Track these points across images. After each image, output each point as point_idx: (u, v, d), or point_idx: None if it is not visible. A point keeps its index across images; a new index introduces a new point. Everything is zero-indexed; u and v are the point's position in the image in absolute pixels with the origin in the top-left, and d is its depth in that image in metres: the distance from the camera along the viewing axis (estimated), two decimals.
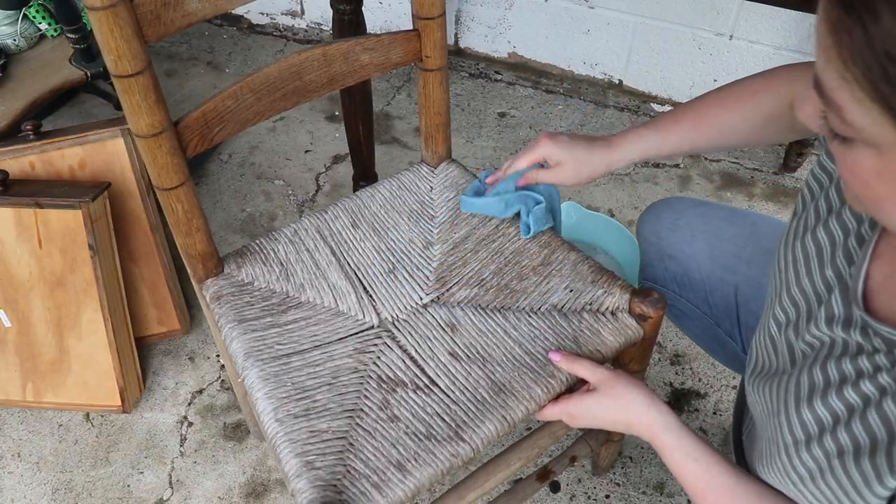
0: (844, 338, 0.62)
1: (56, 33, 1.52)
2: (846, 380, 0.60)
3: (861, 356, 0.60)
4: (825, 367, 0.63)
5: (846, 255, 0.65)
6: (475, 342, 0.87)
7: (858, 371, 0.59)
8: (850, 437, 0.58)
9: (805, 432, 0.63)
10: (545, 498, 1.25)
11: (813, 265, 0.68)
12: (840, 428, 0.59)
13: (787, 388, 0.67)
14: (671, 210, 1.03)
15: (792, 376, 0.67)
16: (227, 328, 0.90)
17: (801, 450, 0.63)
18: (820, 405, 0.62)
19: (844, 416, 0.59)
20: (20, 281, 1.28)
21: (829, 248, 0.67)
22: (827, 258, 0.67)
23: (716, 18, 1.73)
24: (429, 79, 0.99)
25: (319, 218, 1.03)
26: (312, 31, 2.21)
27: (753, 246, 0.96)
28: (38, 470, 1.30)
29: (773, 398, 0.69)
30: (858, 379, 0.59)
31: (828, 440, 0.60)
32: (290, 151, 1.86)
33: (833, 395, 0.61)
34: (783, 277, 0.72)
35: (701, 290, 1.00)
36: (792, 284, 0.71)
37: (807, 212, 0.71)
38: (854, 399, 0.59)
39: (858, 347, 0.60)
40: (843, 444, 0.59)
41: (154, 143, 0.79)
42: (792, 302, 0.70)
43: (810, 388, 0.63)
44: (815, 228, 0.69)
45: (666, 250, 1.01)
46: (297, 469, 0.76)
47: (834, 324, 0.63)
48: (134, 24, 0.72)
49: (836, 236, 0.67)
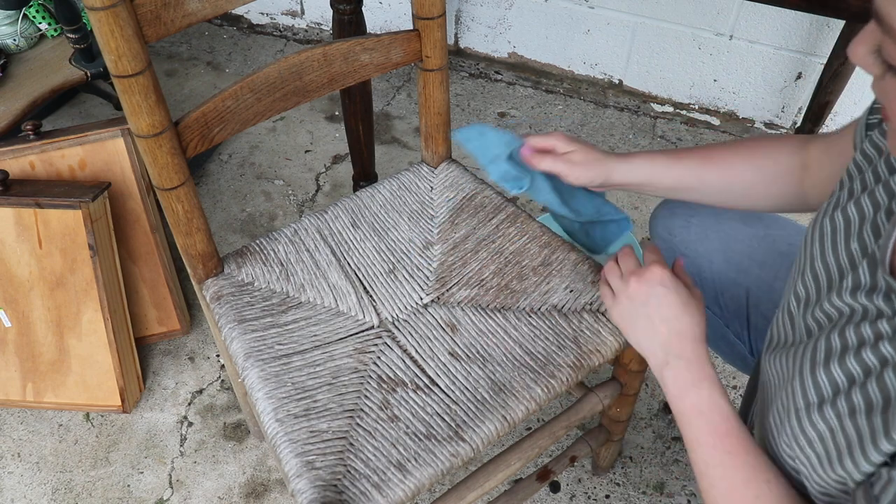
0: (866, 305, 0.62)
1: (56, 33, 1.52)
2: (864, 343, 0.60)
3: (881, 320, 0.59)
4: (843, 332, 0.62)
5: (874, 229, 0.65)
6: (475, 342, 0.87)
7: (877, 334, 0.59)
8: (863, 397, 0.58)
9: (819, 394, 0.62)
10: (545, 498, 1.25)
11: (839, 238, 0.68)
12: (855, 388, 0.59)
13: (803, 355, 0.66)
14: (685, 207, 1.02)
15: (808, 345, 0.66)
16: (227, 328, 0.90)
17: (812, 412, 0.62)
18: (837, 367, 0.61)
19: (860, 378, 0.59)
20: (20, 281, 1.28)
21: (857, 222, 0.67)
22: (854, 232, 0.66)
23: (716, 18, 1.73)
24: (429, 79, 0.99)
25: (319, 218, 1.03)
26: (312, 31, 2.21)
27: (767, 248, 0.96)
28: (38, 470, 1.30)
29: (788, 366, 0.68)
30: (877, 341, 0.58)
31: (841, 401, 0.60)
32: (290, 151, 1.86)
33: (851, 358, 0.60)
34: (808, 252, 0.71)
35: (712, 289, 1.00)
36: (816, 259, 0.70)
37: (842, 192, 0.71)
38: (871, 361, 0.58)
39: (878, 312, 0.60)
40: (855, 404, 0.58)
41: (154, 143, 0.79)
42: (814, 276, 0.70)
43: (827, 352, 0.63)
44: (846, 205, 0.69)
45: (678, 248, 1.01)
46: (298, 469, 0.76)
47: (859, 292, 0.63)
48: (134, 24, 0.72)
49: (866, 211, 0.66)
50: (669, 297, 0.75)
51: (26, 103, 1.39)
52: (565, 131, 1.89)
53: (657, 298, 0.76)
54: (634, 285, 0.77)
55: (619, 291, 0.80)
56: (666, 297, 0.75)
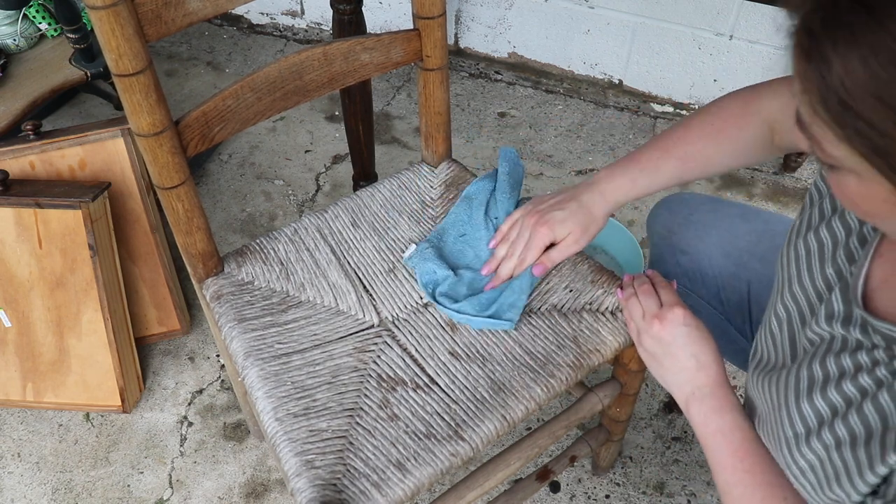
0: (844, 334, 0.63)
1: (56, 33, 1.52)
2: (845, 374, 0.61)
3: (860, 352, 0.61)
4: (824, 362, 0.64)
5: (847, 254, 0.66)
6: (475, 341, 0.87)
7: (857, 366, 0.60)
8: (846, 429, 0.59)
9: (805, 426, 0.64)
10: (545, 498, 1.25)
11: (814, 262, 0.69)
12: (838, 420, 0.60)
13: (787, 383, 0.68)
14: (684, 205, 1.02)
15: (791, 371, 0.68)
16: (227, 328, 0.90)
17: (801, 443, 0.64)
18: (819, 399, 0.63)
19: (842, 409, 0.60)
20: (20, 281, 1.28)
21: (830, 246, 0.68)
22: (828, 256, 0.68)
23: (716, 18, 1.73)
24: (429, 78, 0.99)
25: (319, 217, 1.03)
26: (312, 31, 2.21)
27: (767, 243, 0.96)
28: (38, 470, 1.30)
29: (774, 393, 0.70)
30: (857, 373, 0.60)
31: (826, 433, 0.61)
32: (290, 151, 1.86)
33: (832, 389, 0.62)
34: (785, 274, 0.73)
35: (713, 285, 1.00)
36: (794, 281, 0.71)
37: (812, 210, 0.72)
38: (852, 392, 0.60)
39: (857, 343, 0.61)
40: (840, 437, 0.60)
41: (155, 142, 0.79)
42: (793, 298, 0.71)
43: (809, 382, 0.64)
44: (818, 227, 0.70)
45: (678, 245, 1.01)
46: (297, 468, 0.76)
47: (834, 321, 0.64)
48: (135, 23, 0.72)
49: (839, 235, 0.67)
50: (692, 335, 0.78)
51: (26, 103, 1.39)
52: (565, 131, 1.89)
53: (682, 338, 0.78)
54: (658, 327, 0.80)
55: (643, 332, 0.82)
56: (689, 335, 0.78)
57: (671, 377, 0.79)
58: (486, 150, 1.85)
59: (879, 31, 0.44)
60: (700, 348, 0.78)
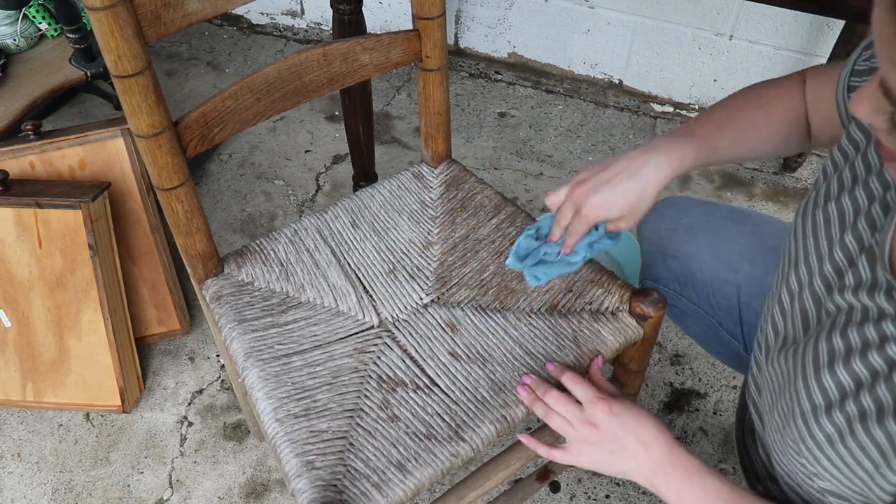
0: (867, 304, 0.62)
1: (56, 33, 1.52)
2: (869, 345, 0.60)
3: (884, 321, 0.59)
4: (846, 333, 0.62)
5: (869, 222, 0.65)
6: (475, 342, 0.87)
7: (882, 336, 0.59)
8: (874, 399, 0.58)
9: (826, 398, 0.62)
10: (545, 498, 1.25)
11: (834, 231, 0.68)
12: (864, 392, 0.59)
13: (804, 356, 0.66)
14: (673, 209, 1.02)
15: (808, 345, 0.66)
16: (227, 328, 0.90)
17: (820, 415, 0.62)
18: (842, 370, 0.61)
19: (868, 381, 0.59)
20: (20, 281, 1.28)
21: (852, 214, 0.67)
22: (849, 224, 0.67)
23: (716, 18, 1.73)
24: (429, 79, 0.99)
25: (319, 218, 1.03)
26: (312, 31, 2.21)
27: (756, 245, 0.96)
28: (38, 470, 1.30)
29: (788, 368, 0.68)
30: (883, 343, 0.59)
31: (850, 404, 0.60)
32: (290, 151, 1.86)
33: (857, 360, 0.60)
34: (800, 245, 0.71)
35: (703, 289, 1.00)
36: (811, 252, 0.70)
37: (829, 182, 0.71)
38: (878, 363, 0.59)
39: (881, 313, 0.60)
40: (865, 407, 0.59)
41: (154, 143, 0.79)
42: (808, 270, 0.70)
43: (830, 354, 0.63)
44: (838, 196, 0.69)
45: (668, 250, 1.01)
46: (298, 469, 0.76)
47: (860, 290, 0.63)
48: (134, 24, 0.72)
49: (861, 203, 0.66)
50: (626, 420, 0.76)
51: (26, 103, 1.39)
52: (565, 131, 1.89)
53: (620, 429, 0.75)
54: (593, 432, 0.76)
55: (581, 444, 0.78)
56: (624, 423, 0.75)
57: (627, 467, 0.76)
58: (486, 150, 1.85)
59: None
60: (640, 428, 0.75)
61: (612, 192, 0.80)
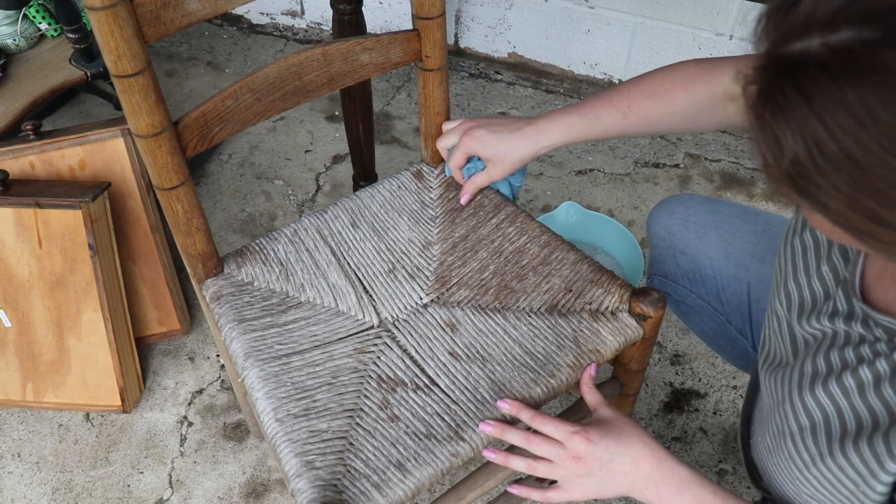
0: (846, 329, 0.64)
1: (56, 33, 1.52)
2: (847, 366, 0.61)
3: (863, 345, 0.61)
4: (828, 355, 0.64)
5: (842, 252, 0.67)
6: (475, 342, 0.87)
7: (859, 358, 0.61)
8: (851, 420, 0.60)
9: (809, 419, 0.64)
10: None
11: (810, 259, 0.70)
12: (842, 411, 0.61)
13: (790, 378, 0.68)
14: (683, 206, 1.02)
15: (795, 366, 0.68)
16: (227, 328, 0.90)
17: (805, 436, 0.64)
18: (821, 391, 0.63)
19: (844, 402, 0.61)
20: (20, 281, 1.28)
21: (826, 243, 0.69)
22: (824, 253, 0.69)
23: (716, 18, 1.73)
24: (429, 79, 0.99)
25: (319, 218, 1.03)
26: (312, 31, 2.21)
27: (767, 243, 0.96)
28: (38, 470, 1.30)
29: (778, 388, 0.70)
30: (859, 365, 0.60)
31: (831, 424, 0.61)
32: (290, 151, 1.86)
33: (833, 382, 0.62)
34: (783, 270, 0.74)
35: (713, 286, 1.00)
36: (790, 278, 0.72)
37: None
38: (853, 384, 0.60)
39: (860, 337, 0.62)
40: (846, 428, 0.60)
41: (154, 142, 0.79)
42: (787, 296, 0.72)
43: (812, 375, 0.65)
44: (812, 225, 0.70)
45: (678, 246, 1.01)
46: (297, 469, 0.76)
47: (837, 318, 0.65)
48: (134, 24, 0.72)
49: None
50: (609, 444, 0.74)
51: (26, 103, 1.39)
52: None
53: (605, 455, 0.74)
54: (579, 466, 0.75)
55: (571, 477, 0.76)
56: (607, 447, 0.74)
57: (621, 487, 0.76)
58: None
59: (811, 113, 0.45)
60: (624, 447, 0.74)
61: (489, 134, 0.94)
